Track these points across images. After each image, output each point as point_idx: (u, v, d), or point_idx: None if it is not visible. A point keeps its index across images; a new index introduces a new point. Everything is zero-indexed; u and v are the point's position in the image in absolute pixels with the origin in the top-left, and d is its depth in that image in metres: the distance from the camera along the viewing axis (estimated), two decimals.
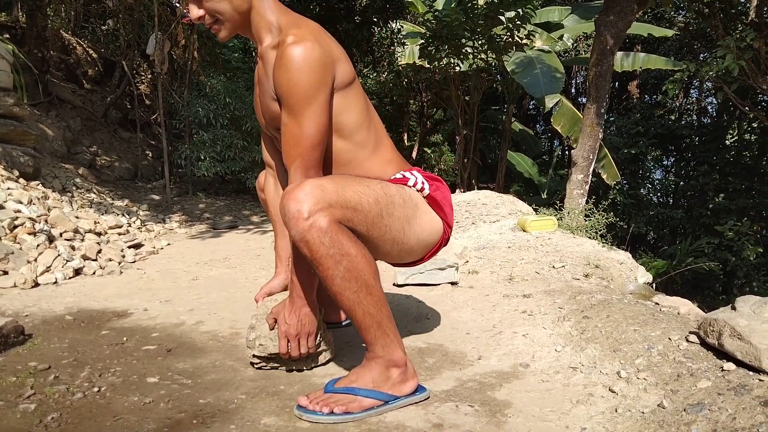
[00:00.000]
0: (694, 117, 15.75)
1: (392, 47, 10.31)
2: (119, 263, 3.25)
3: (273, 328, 1.63)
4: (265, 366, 1.68)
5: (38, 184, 4.06)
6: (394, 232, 1.53)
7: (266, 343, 1.63)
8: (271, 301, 1.74)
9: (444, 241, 1.73)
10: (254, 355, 1.66)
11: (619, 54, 10.16)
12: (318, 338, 1.66)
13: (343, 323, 2.15)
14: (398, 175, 1.65)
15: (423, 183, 1.64)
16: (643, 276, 3.11)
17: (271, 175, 1.88)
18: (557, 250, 3.20)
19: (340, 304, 1.42)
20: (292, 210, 1.33)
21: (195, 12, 1.55)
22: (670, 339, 1.66)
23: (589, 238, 4.00)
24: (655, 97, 15.75)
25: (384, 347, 1.45)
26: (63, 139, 6.43)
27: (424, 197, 1.65)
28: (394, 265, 1.80)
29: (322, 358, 1.72)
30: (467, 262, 3.13)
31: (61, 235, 3.24)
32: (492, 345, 1.94)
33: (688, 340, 1.62)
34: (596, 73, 6.17)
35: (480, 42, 8.47)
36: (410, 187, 1.62)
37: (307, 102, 1.43)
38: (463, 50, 8.61)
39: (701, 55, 12.55)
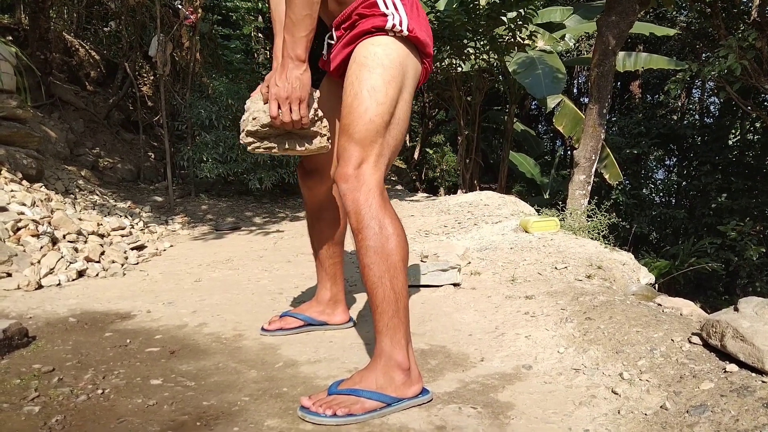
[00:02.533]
0: (697, 117, 15.72)
1: None
2: (122, 265, 3.25)
3: (266, 100, 1.57)
4: (259, 147, 1.61)
5: (41, 186, 4.07)
6: (400, 112, 1.59)
7: (259, 116, 1.56)
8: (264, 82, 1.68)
9: (426, 71, 1.74)
10: (248, 132, 1.58)
11: (621, 54, 10.15)
12: (311, 111, 1.59)
13: (347, 324, 2.16)
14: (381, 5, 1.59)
15: (401, 21, 1.57)
16: (646, 277, 3.10)
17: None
18: (559, 251, 3.20)
19: (364, 280, 1.48)
20: (345, 188, 1.49)
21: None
22: (672, 340, 1.66)
23: (592, 238, 3.99)
24: (657, 97, 15.72)
25: (392, 341, 1.45)
26: (66, 141, 6.44)
27: (405, 36, 1.59)
28: None
29: (317, 142, 1.64)
30: (469, 263, 3.13)
31: (64, 237, 3.25)
32: (494, 346, 1.94)
33: (690, 342, 1.62)
34: (598, 74, 6.16)
35: (482, 42, 8.46)
36: (388, 32, 1.57)
37: None
38: (465, 51, 8.60)
39: (703, 54, 12.53)
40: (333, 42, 1.75)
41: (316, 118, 1.61)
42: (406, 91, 1.60)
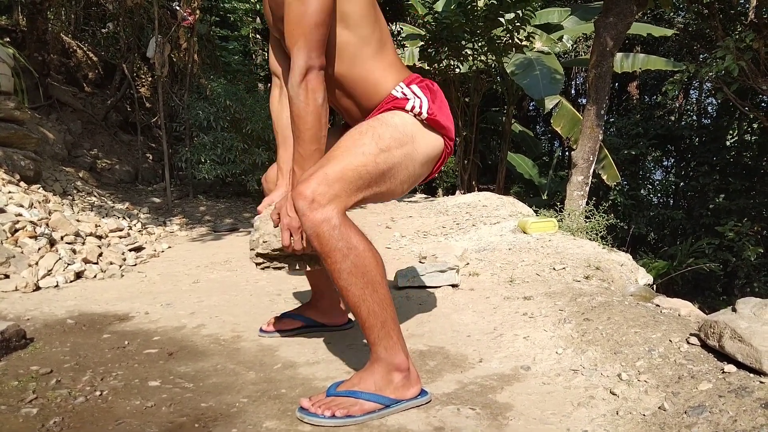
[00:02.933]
0: (694, 118, 15.75)
1: None
2: (120, 266, 3.25)
3: (277, 225, 1.59)
4: (269, 266, 1.65)
5: (39, 188, 4.06)
6: (401, 176, 1.57)
7: (270, 240, 1.60)
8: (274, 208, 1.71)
9: (447, 153, 1.73)
10: (258, 254, 1.63)
11: (618, 55, 10.16)
12: None
13: (346, 325, 2.16)
14: (397, 93, 1.63)
15: (421, 104, 1.60)
16: (644, 278, 3.11)
17: (277, 86, 1.86)
18: (558, 252, 3.20)
19: (345, 301, 1.44)
20: (302, 207, 1.38)
21: None
22: (670, 341, 1.66)
23: (590, 239, 4.00)
24: (654, 97, 15.75)
25: (387, 349, 1.45)
26: (63, 143, 6.43)
27: (424, 120, 1.62)
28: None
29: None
30: (468, 264, 3.13)
31: (62, 238, 3.25)
32: (493, 347, 1.94)
33: (688, 342, 1.62)
34: (596, 75, 6.17)
35: (480, 44, 8.47)
36: (408, 111, 1.60)
37: None
38: (463, 52, 8.61)
39: (701, 56, 12.56)
40: None
41: None
42: (411, 161, 1.58)
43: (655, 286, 3.32)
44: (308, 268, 1.68)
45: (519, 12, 7.87)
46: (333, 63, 1.59)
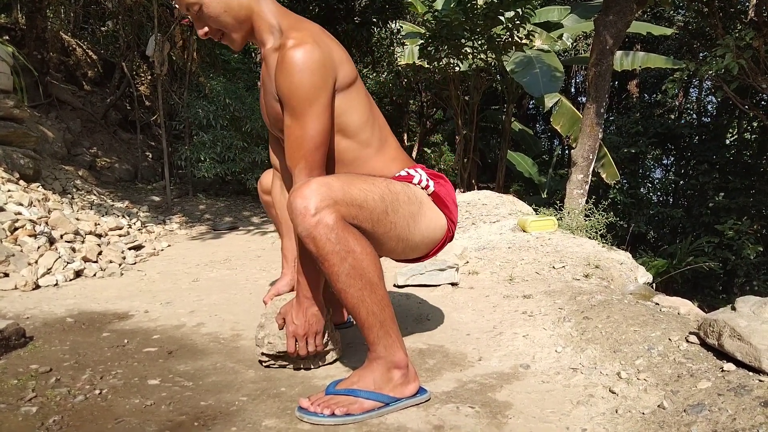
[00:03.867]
0: (694, 116, 15.76)
1: (392, 47, 10.33)
2: (120, 265, 3.25)
3: (282, 328, 1.65)
4: (274, 364, 1.71)
5: (38, 186, 4.06)
6: (399, 229, 1.55)
7: (275, 342, 1.65)
8: (280, 300, 1.76)
9: (448, 238, 1.75)
10: (263, 353, 1.68)
11: (618, 53, 10.16)
12: (325, 337, 1.68)
13: (347, 323, 2.16)
14: (403, 173, 1.66)
15: (428, 180, 1.66)
16: (643, 276, 3.11)
17: (278, 177, 1.89)
18: (557, 251, 3.20)
19: (343, 302, 1.43)
20: (299, 207, 1.35)
21: (200, 31, 1.60)
22: (670, 339, 1.66)
23: (589, 238, 4.00)
24: (654, 96, 15.76)
25: (386, 348, 1.45)
26: (63, 141, 6.43)
27: (429, 194, 1.66)
28: (398, 260, 1.82)
29: (329, 357, 1.74)
30: (467, 262, 3.13)
31: (61, 236, 3.25)
32: (492, 346, 1.94)
33: (688, 341, 1.62)
34: (596, 73, 6.17)
35: (479, 42, 8.46)
36: (415, 184, 1.64)
37: (309, 104, 1.45)
38: (463, 50, 8.61)
39: (701, 54, 12.55)
40: None
41: (329, 340, 1.72)
42: (413, 222, 1.58)
43: (654, 284, 3.33)
44: (313, 367, 1.72)
45: (519, 10, 7.86)
46: (333, 168, 1.62)
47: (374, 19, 8.62)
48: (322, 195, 1.36)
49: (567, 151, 14.28)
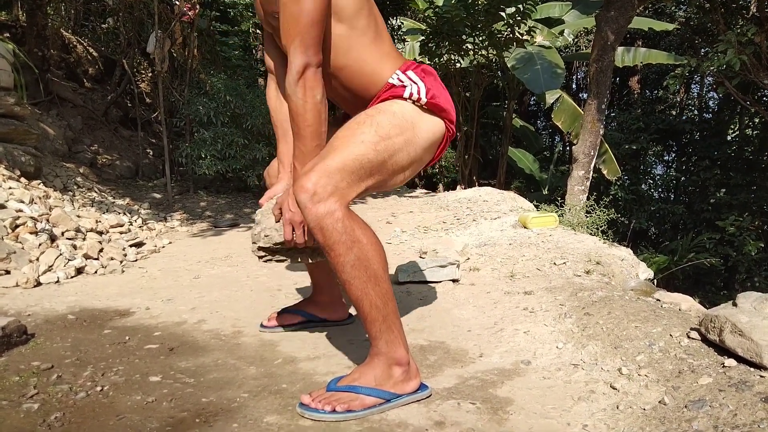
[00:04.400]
0: (696, 112, 15.72)
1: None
2: (121, 262, 3.25)
3: (279, 220, 1.59)
4: (271, 258, 1.66)
5: (39, 183, 4.06)
6: (402, 162, 1.56)
7: (271, 234, 1.60)
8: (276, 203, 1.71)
9: (449, 137, 1.72)
10: (260, 248, 1.63)
11: (619, 49, 10.14)
12: None
13: (346, 320, 2.16)
14: (394, 80, 1.62)
15: (419, 91, 1.60)
16: (645, 272, 3.10)
17: (273, 80, 1.86)
18: (558, 247, 3.20)
19: (348, 294, 1.44)
20: (304, 200, 1.38)
21: None
22: (671, 335, 1.66)
23: (590, 234, 4.00)
24: (656, 92, 15.71)
25: (388, 343, 1.45)
26: (64, 138, 6.43)
27: (423, 105, 1.61)
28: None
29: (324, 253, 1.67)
30: (468, 259, 3.13)
31: (62, 234, 3.25)
32: (493, 342, 1.94)
33: (689, 337, 1.62)
34: (597, 69, 6.16)
35: (480, 38, 8.45)
36: (406, 99, 1.59)
37: None
38: (464, 46, 8.60)
39: (702, 50, 12.52)
40: None
41: None
42: (412, 147, 1.57)
43: (655, 280, 3.32)
44: (310, 261, 1.68)
45: (520, 6, 7.85)
46: (329, 56, 1.59)
47: None
48: (324, 185, 1.38)
49: (568, 148, 14.26)
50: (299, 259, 1.67)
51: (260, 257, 1.66)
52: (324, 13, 1.48)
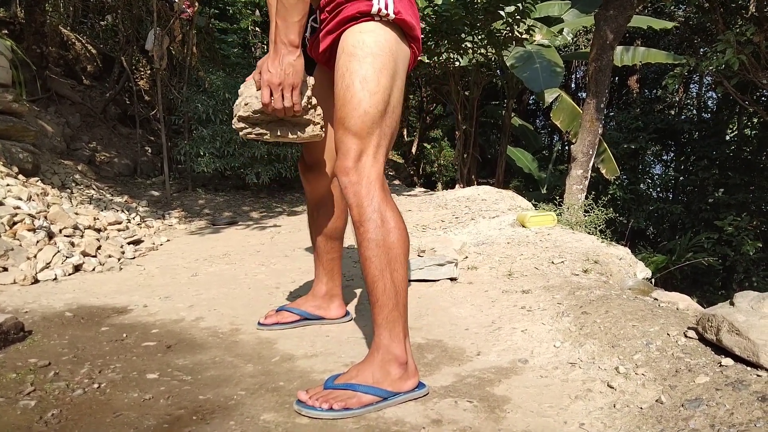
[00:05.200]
0: (694, 112, 15.74)
1: None
2: (119, 259, 3.25)
3: (259, 86, 1.54)
4: (251, 131, 1.59)
5: (37, 181, 4.06)
6: (395, 98, 1.56)
7: (251, 102, 1.54)
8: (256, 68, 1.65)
9: (414, 57, 1.69)
10: (239, 117, 1.56)
11: (618, 48, 10.13)
12: (304, 100, 1.56)
13: (344, 318, 2.16)
14: None
15: (386, 2, 1.53)
16: (642, 271, 3.10)
17: None
18: (556, 246, 3.20)
19: (365, 273, 1.47)
20: (345, 182, 1.48)
21: None
22: (668, 334, 1.67)
23: (589, 233, 4.00)
24: (655, 92, 15.73)
25: (391, 336, 1.45)
26: (62, 135, 6.42)
27: (391, 20, 1.55)
28: None
29: (309, 130, 1.62)
30: (466, 257, 3.13)
31: (60, 231, 3.24)
32: (491, 341, 1.94)
33: (686, 336, 1.63)
34: (596, 68, 6.16)
35: (480, 37, 8.45)
36: (375, 15, 1.52)
37: None
38: (463, 45, 8.59)
39: (701, 49, 12.53)
40: (317, 26, 1.70)
41: (309, 106, 1.59)
42: (398, 77, 1.57)
43: (653, 280, 3.32)
44: (291, 135, 1.61)
45: (519, 5, 7.84)
46: None
47: None
48: (363, 164, 1.48)
49: (567, 147, 14.27)
50: (278, 133, 1.60)
51: (240, 130, 1.58)
52: None
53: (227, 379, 1.59)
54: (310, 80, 1.60)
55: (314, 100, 1.60)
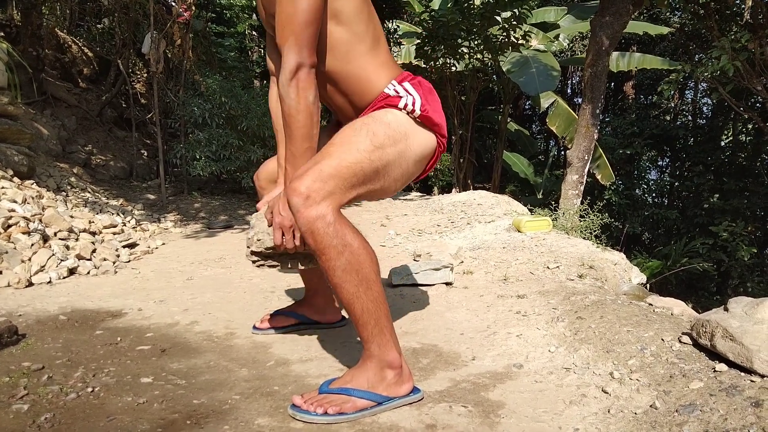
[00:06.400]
0: (689, 118, 15.79)
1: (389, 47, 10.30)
2: (114, 263, 3.24)
3: (271, 224, 1.59)
4: (263, 263, 1.67)
5: (33, 183, 4.04)
6: (394, 174, 1.57)
7: (263, 238, 1.61)
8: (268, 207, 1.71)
9: (440, 151, 1.73)
10: (252, 252, 1.64)
11: (614, 54, 10.17)
12: None
13: (339, 323, 2.15)
14: (390, 91, 1.62)
15: (414, 102, 1.60)
16: (637, 277, 3.11)
17: (274, 83, 1.86)
18: (552, 251, 3.20)
19: (339, 297, 1.44)
20: (296, 203, 1.38)
21: None
22: (663, 340, 1.67)
23: (584, 238, 4.01)
24: (650, 97, 15.78)
25: (380, 346, 1.45)
26: (58, 138, 6.41)
27: (416, 117, 1.62)
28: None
29: (316, 262, 1.65)
30: (462, 262, 3.14)
31: (55, 234, 3.23)
32: (486, 345, 1.94)
33: (680, 341, 1.63)
34: (592, 74, 6.18)
35: (476, 42, 8.47)
36: (401, 109, 1.59)
37: None
38: (459, 50, 8.61)
39: (696, 55, 12.59)
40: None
41: None
42: (404, 159, 1.58)
43: (648, 285, 3.33)
44: (302, 267, 1.68)
45: (515, 10, 7.88)
46: (325, 59, 1.58)
47: None
48: (317, 189, 1.38)
49: (562, 152, 14.29)
50: (290, 265, 1.67)
51: (253, 262, 1.67)
52: (319, 13, 1.47)
53: (222, 384, 1.59)
54: None
55: None
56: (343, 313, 2.20)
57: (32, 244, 2.95)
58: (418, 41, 8.84)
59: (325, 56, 1.58)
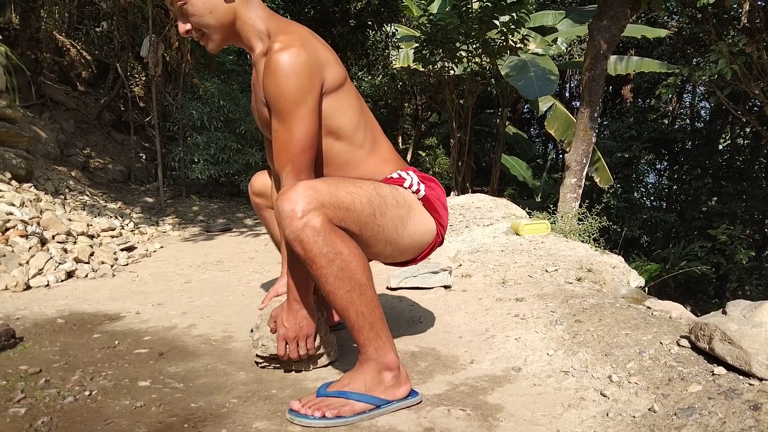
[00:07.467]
0: (688, 121, 15.83)
1: (387, 50, 10.33)
2: (112, 266, 3.23)
3: (274, 332, 1.65)
4: (268, 365, 1.72)
5: (31, 186, 4.04)
6: (387, 232, 1.55)
7: (268, 344, 1.66)
8: (277, 302, 1.77)
9: (438, 242, 1.75)
10: (257, 355, 1.69)
11: (612, 57, 10.19)
12: (318, 340, 1.68)
13: (339, 325, 2.15)
14: (395, 175, 1.66)
15: (418, 184, 1.66)
16: (636, 280, 3.11)
17: (275, 177, 1.89)
18: (550, 254, 3.20)
19: (333, 305, 1.43)
20: (285, 210, 1.36)
21: (182, 27, 1.58)
22: (661, 343, 1.67)
23: (582, 242, 4.01)
24: (648, 101, 15.82)
25: (377, 350, 1.45)
26: (56, 141, 6.40)
27: (419, 199, 1.66)
28: (387, 264, 1.81)
29: (322, 360, 1.74)
30: (460, 265, 3.13)
31: (53, 237, 3.23)
32: (484, 349, 1.94)
33: (679, 345, 1.63)
34: (590, 78, 6.19)
35: (474, 46, 8.48)
36: (405, 188, 1.64)
37: (296, 107, 1.44)
38: (458, 54, 8.62)
39: (694, 59, 12.62)
40: None
41: (321, 344, 1.71)
42: (401, 226, 1.58)
43: (647, 288, 3.33)
44: (303, 369, 1.72)
45: (514, 14, 7.89)
46: (325, 169, 1.62)
47: (369, 22, 8.63)
48: (309, 198, 1.36)
49: (561, 156, 14.30)
50: (293, 367, 1.71)
51: (257, 363, 1.72)
52: (315, 139, 1.50)
53: (219, 387, 1.58)
54: (323, 318, 1.73)
55: (328, 334, 1.76)
56: None
57: (30, 248, 2.94)
58: (417, 45, 8.86)
59: (321, 168, 1.61)
